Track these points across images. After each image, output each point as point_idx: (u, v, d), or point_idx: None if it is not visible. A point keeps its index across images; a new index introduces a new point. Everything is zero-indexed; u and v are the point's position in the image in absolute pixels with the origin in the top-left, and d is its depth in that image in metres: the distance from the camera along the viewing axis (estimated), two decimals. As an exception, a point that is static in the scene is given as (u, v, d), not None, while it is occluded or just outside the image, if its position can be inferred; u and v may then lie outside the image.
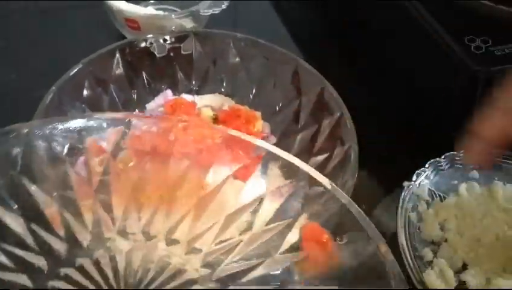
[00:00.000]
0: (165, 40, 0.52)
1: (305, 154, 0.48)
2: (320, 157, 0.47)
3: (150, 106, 0.52)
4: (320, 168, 0.46)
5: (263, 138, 0.51)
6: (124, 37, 0.62)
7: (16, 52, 0.63)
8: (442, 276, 0.43)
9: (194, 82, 0.54)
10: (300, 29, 0.69)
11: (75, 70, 0.47)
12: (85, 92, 0.49)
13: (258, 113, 0.51)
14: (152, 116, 0.47)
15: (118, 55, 0.50)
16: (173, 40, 0.52)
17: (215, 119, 0.50)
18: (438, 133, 0.56)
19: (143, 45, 0.52)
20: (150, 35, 0.52)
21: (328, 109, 0.47)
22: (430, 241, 0.46)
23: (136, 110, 0.52)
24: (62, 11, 0.69)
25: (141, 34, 0.59)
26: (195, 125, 0.36)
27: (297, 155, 0.50)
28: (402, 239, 0.44)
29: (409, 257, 0.43)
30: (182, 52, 0.53)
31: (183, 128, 0.35)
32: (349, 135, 0.44)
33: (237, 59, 0.53)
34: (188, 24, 0.60)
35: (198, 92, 0.54)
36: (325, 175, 0.45)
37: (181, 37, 0.53)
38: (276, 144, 0.51)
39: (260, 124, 0.51)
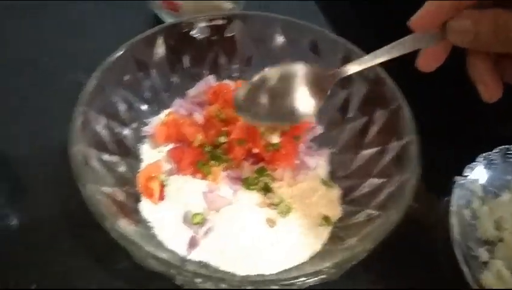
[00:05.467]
0: (209, 22, 0.49)
1: (353, 147, 0.46)
2: (371, 151, 0.45)
3: (192, 91, 0.50)
4: (373, 161, 0.44)
5: (309, 128, 0.49)
6: (159, 19, 0.60)
7: (51, 35, 0.61)
8: (500, 277, 0.41)
9: (236, 67, 0.52)
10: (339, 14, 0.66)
11: (117, 54, 0.45)
12: (126, 77, 0.47)
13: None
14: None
15: (159, 39, 0.48)
16: (217, 22, 0.50)
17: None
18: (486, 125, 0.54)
19: (185, 28, 0.49)
20: (193, 17, 0.49)
21: (383, 99, 0.44)
22: (486, 240, 0.44)
23: (177, 97, 0.50)
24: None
25: (179, 16, 0.57)
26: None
27: (345, 147, 0.48)
28: (457, 237, 0.42)
29: (463, 257, 0.41)
30: (225, 35, 0.50)
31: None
32: (407, 128, 0.41)
33: (283, 43, 0.50)
34: (228, 6, 0.57)
35: (240, 78, 0.52)
36: (378, 170, 0.43)
37: (225, 19, 0.50)
38: (323, 135, 0.49)
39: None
